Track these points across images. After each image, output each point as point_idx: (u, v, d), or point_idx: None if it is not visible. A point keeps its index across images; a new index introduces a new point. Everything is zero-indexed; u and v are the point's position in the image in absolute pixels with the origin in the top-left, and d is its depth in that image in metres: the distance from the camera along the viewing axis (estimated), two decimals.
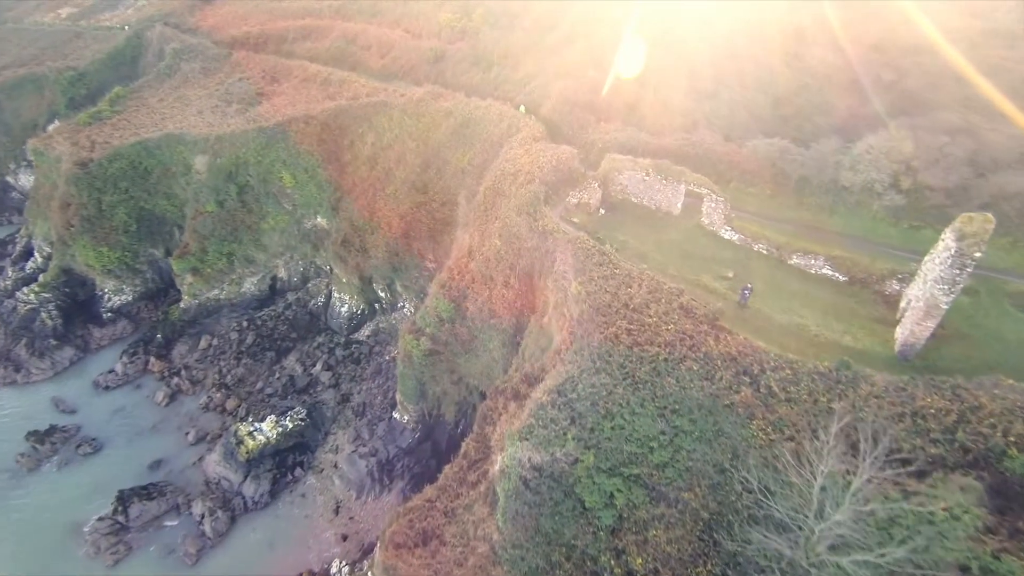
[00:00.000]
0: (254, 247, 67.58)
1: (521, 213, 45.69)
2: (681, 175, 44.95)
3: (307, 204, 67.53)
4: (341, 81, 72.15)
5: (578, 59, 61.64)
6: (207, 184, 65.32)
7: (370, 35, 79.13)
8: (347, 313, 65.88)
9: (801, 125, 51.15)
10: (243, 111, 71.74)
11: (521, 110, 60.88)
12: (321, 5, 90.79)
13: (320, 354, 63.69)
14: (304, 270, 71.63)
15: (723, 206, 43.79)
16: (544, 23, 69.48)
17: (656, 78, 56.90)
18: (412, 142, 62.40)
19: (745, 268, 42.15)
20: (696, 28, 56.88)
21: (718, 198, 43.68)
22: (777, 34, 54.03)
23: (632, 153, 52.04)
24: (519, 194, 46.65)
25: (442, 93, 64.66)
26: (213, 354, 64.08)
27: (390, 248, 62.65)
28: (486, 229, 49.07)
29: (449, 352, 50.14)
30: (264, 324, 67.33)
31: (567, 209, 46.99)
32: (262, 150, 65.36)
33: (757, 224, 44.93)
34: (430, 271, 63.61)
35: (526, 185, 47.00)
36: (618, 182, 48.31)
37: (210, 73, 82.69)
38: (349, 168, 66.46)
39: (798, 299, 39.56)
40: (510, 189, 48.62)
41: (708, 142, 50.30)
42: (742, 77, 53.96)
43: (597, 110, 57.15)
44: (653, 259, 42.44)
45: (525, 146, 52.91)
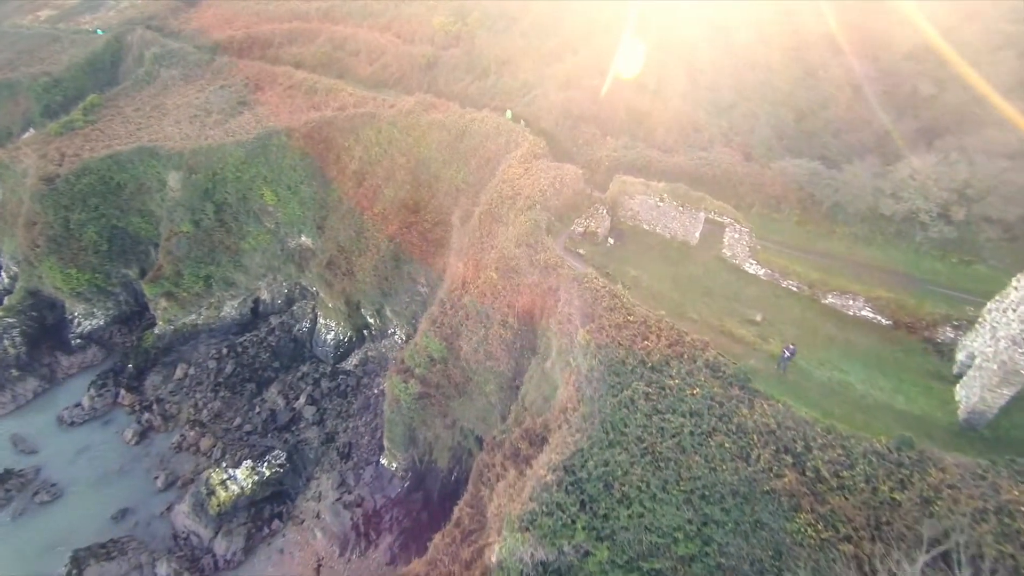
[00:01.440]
0: (234, 269, 61.77)
1: (520, 244, 40.01)
2: (701, 202, 39.28)
3: (290, 223, 61.73)
4: (327, 89, 66.18)
5: (581, 67, 55.79)
6: (181, 202, 59.43)
7: (359, 40, 73.11)
8: (333, 341, 60.19)
9: (828, 142, 45.46)
10: (223, 122, 65.77)
11: (508, 116, 55.32)
12: (309, 7, 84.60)
13: (304, 386, 58.03)
14: (288, 292, 65.89)
15: (748, 237, 38.17)
16: (545, 28, 63.54)
17: (667, 89, 51.12)
18: (402, 157, 56.58)
19: (774, 309, 36.59)
20: (711, 35, 51.05)
21: (742, 228, 38.06)
22: (801, 42, 48.18)
23: (642, 173, 46.37)
24: (518, 222, 40.95)
25: (434, 103, 58.79)
26: (189, 385, 58.35)
27: (379, 271, 56.93)
28: (481, 259, 43.37)
29: (441, 395, 44.49)
30: (245, 351, 61.58)
31: (572, 238, 41.32)
32: (241, 165, 59.49)
33: (785, 256, 39.31)
34: (422, 296, 58.07)
35: (526, 211, 41.30)
36: (628, 207, 42.63)
37: (191, 80, 76.66)
38: (335, 185, 60.57)
39: (836, 347, 34.02)
40: (508, 215, 42.92)
41: (727, 161, 44.63)
42: (762, 89, 48.20)
43: (603, 123, 51.39)
44: (670, 299, 36.84)
45: (524, 164, 47.17)
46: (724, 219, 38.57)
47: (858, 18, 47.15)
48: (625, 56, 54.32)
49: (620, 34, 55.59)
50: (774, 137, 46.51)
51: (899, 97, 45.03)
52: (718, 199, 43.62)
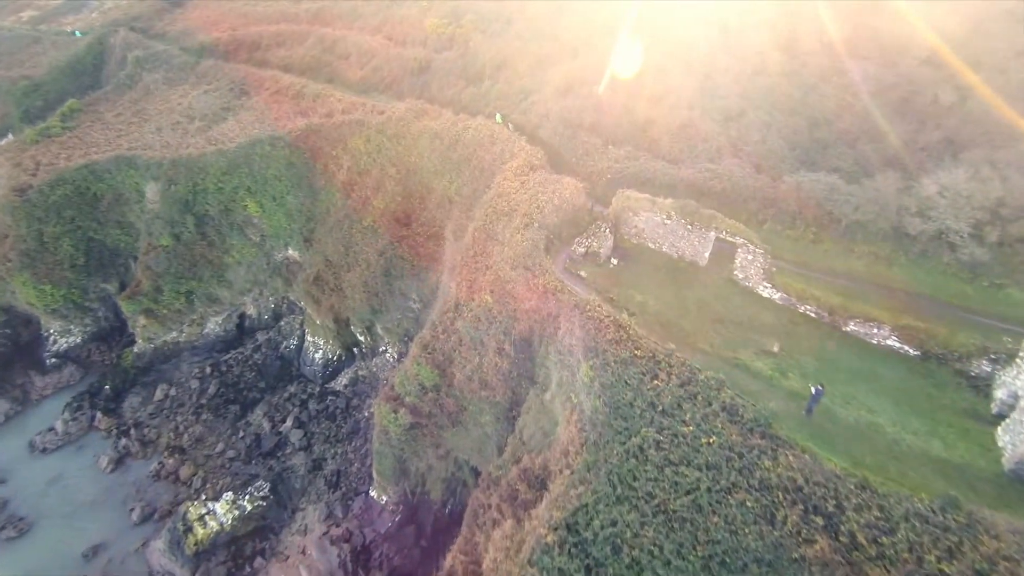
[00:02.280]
0: (217, 284, 58.29)
1: (517, 267, 36.73)
2: (711, 220, 36.07)
3: (276, 235, 58.31)
4: (315, 95, 62.68)
5: (581, 72, 52.44)
6: (160, 215, 55.91)
7: (349, 42, 69.55)
8: (321, 360, 56.85)
9: (843, 153, 42.28)
10: (206, 128, 62.21)
11: (498, 120, 52.13)
12: (298, 9, 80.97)
13: (291, 407, 54.68)
14: (276, 306, 62.50)
15: (762, 259, 34.99)
16: (542, 30, 60.18)
17: (672, 96, 47.82)
18: (392, 167, 53.18)
19: (791, 338, 33.45)
20: (719, 39, 47.77)
21: (756, 250, 34.86)
22: (813, 47, 44.96)
23: (646, 186, 43.14)
24: (514, 242, 37.66)
25: (426, 110, 55.38)
26: (170, 407, 54.93)
27: (369, 287, 53.58)
28: (475, 280, 40.09)
29: (433, 424, 41.23)
30: (229, 370, 58.19)
31: (572, 259, 38.07)
32: (223, 176, 55.99)
33: (802, 279, 36.14)
34: (415, 312, 54.76)
35: (523, 231, 38.02)
36: (633, 224, 39.39)
37: (174, 84, 72.98)
38: (322, 195, 57.18)
39: (861, 382, 30.90)
40: (503, 233, 39.63)
41: (737, 174, 41.40)
42: (773, 96, 45.01)
43: (604, 132, 48.07)
44: (678, 328, 33.66)
45: (521, 176, 43.89)
46: (737, 239, 35.38)
47: (873, 21, 43.91)
48: (627, 60, 51.01)
49: (621, 37, 52.28)
50: (786, 147, 43.31)
51: (919, 105, 41.89)
52: (727, 214, 40.50)
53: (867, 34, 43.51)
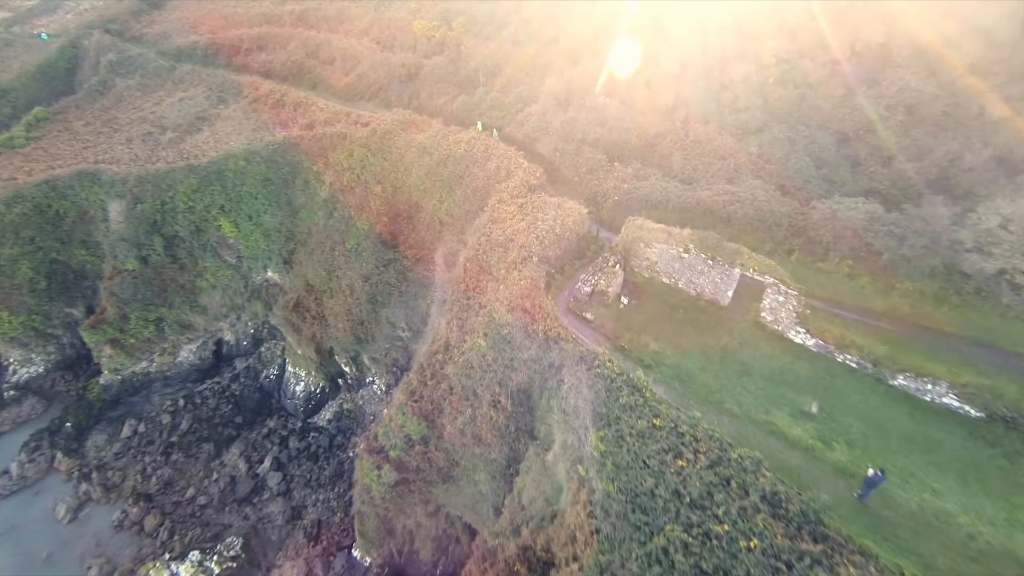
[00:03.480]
0: (190, 310, 52.99)
1: (514, 309, 31.61)
2: (736, 256, 30.99)
3: (254, 256, 53.01)
4: (296, 103, 57.25)
5: (583, 81, 47.19)
6: (125, 236, 50.49)
7: (334, 46, 64.05)
8: (303, 393, 51.73)
9: (877, 172, 37.26)
10: (178, 140, 56.75)
11: (479, 128, 47.20)
12: (282, 11, 75.30)
13: (270, 445, 49.61)
14: (255, 332, 57.26)
15: (795, 301, 29.96)
16: (540, 33, 54.86)
17: (685, 107, 42.67)
18: (377, 185, 47.90)
19: (831, 394, 28.48)
20: (738, 46, 42.56)
21: (789, 291, 29.81)
22: (843, 53, 39.81)
23: (658, 209, 38.06)
24: (511, 279, 32.51)
25: (415, 121, 50.08)
26: (138, 445, 49.77)
27: (353, 316, 48.45)
28: (467, 319, 35.00)
29: (422, 480, 36.23)
30: (204, 403, 53.03)
31: (577, 298, 32.96)
32: (193, 193, 50.59)
33: (838, 322, 31.12)
34: (404, 341, 49.67)
35: (520, 266, 32.87)
36: (645, 256, 34.28)
37: (149, 90, 67.42)
38: (303, 214, 51.90)
39: (918, 451, 25.96)
40: (498, 267, 34.48)
41: (760, 197, 36.31)
42: (798, 108, 39.88)
43: (609, 147, 42.87)
44: (701, 383, 28.65)
45: (518, 199, 38.71)
46: (766, 279, 30.32)
47: (910, 26, 38.73)
48: (633, 67, 45.82)
49: (625, 41, 47.01)
50: (812, 165, 38.24)
51: (963, 119, 36.81)
52: (749, 242, 35.53)
53: (903, 40, 38.37)
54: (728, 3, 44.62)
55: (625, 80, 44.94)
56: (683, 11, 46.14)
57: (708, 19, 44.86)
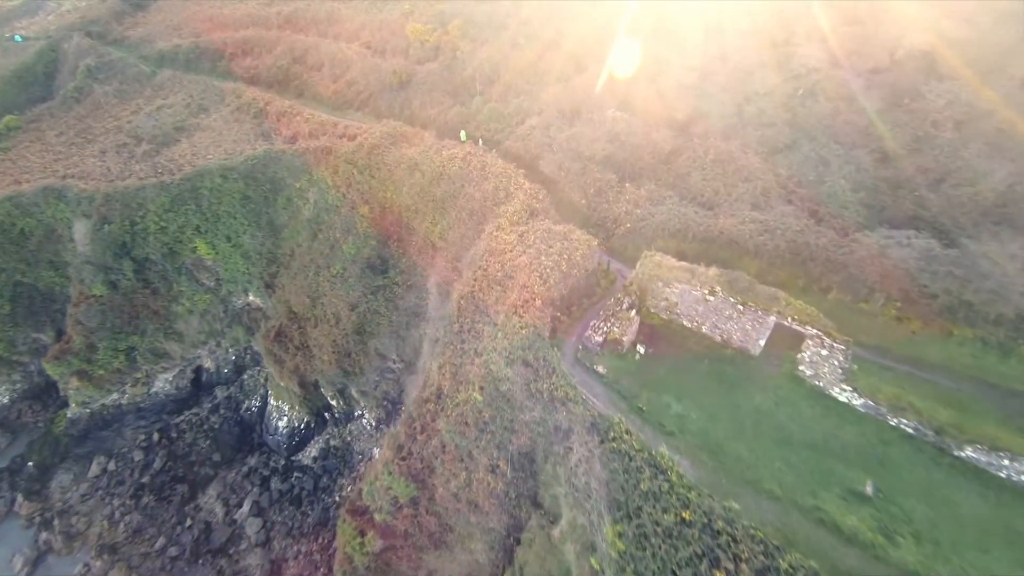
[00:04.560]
0: (164, 337, 48.33)
1: (514, 362, 27.02)
2: (773, 302, 26.36)
3: (233, 280, 48.37)
4: (280, 113, 52.52)
5: (590, 91, 42.44)
6: (91, 259, 45.81)
7: (322, 51, 59.23)
8: (286, 428, 47.17)
9: (924, 198, 32.63)
10: (154, 152, 52.03)
11: (463, 138, 43.09)
12: (269, 12, 70.33)
13: (249, 486, 45.06)
14: (237, 358, 52.64)
15: (841, 356, 25.36)
16: (541, 37, 50.03)
17: (703, 122, 37.96)
18: (365, 205, 43.22)
19: (887, 468, 23.93)
20: (761, 54, 37.78)
21: (835, 344, 25.20)
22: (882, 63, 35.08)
23: (676, 238, 33.43)
24: (510, 327, 27.88)
25: (405, 134, 45.38)
26: (107, 486, 45.26)
27: (339, 347, 43.87)
28: (461, 367, 30.40)
29: (411, 546, 31.67)
30: (180, 437, 48.47)
31: (586, 347, 28.34)
32: (165, 213, 45.90)
33: (890, 378, 26.52)
34: (395, 373, 45.16)
35: (521, 311, 28.22)
36: (663, 296, 29.63)
37: (127, 97, 62.77)
38: (285, 235, 47.22)
39: (1001, 544, 21.44)
40: (496, 309, 29.86)
41: (793, 227, 31.64)
42: (832, 122, 35.18)
43: (620, 166, 38.17)
44: (734, 455, 24.07)
45: (519, 226, 34.03)
46: (807, 329, 25.70)
47: (960, 32, 33.99)
48: (646, 76, 41.09)
49: (639, 48, 42.24)
50: (848, 189, 33.57)
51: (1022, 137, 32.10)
52: (780, 277, 30.96)
53: (952, 49, 33.61)
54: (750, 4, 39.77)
55: (636, 90, 40.18)
56: (699, 13, 41.29)
57: (728, 23, 40.03)
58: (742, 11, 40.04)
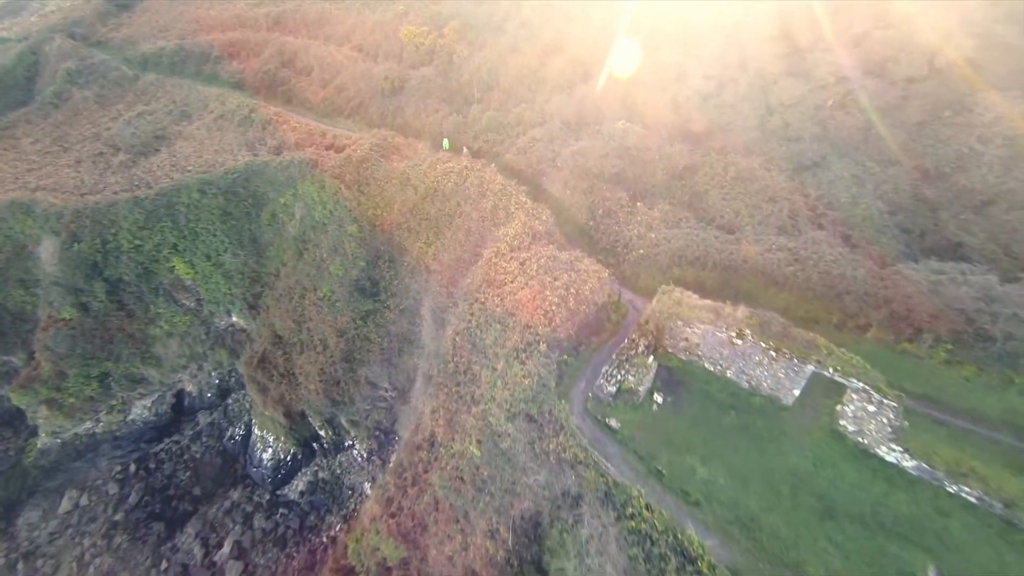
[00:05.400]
0: (141, 362, 44.74)
1: (516, 415, 23.49)
2: (812, 350, 22.80)
3: (215, 301, 44.79)
4: (265, 121, 48.83)
5: (598, 100, 38.77)
6: (60, 280, 42.20)
7: (311, 55, 55.48)
8: (271, 460, 43.61)
9: (969, 221, 29.07)
10: (130, 163, 48.41)
11: (445, 146, 40.61)
12: (257, 14, 66.47)
13: (231, 524, 41.57)
14: (221, 382, 49.13)
15: (892, 413, 21.83)
16: (544, 40, 46.27)
17: (722, 135, 34.35)
18: (353, 224, 39.58)
19: (946, 545, 20.46)
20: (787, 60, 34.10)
21: (886, 401, 21.67)
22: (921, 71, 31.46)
23: (694, 265, 29.86)
24: (512, 375, 24.34)
25: (397, 145, 41.80)
26: (78, 523, 41.82)
27: (327, 375, 40.30)
28: (456, 414, 26.87)
29: None
30: (159, 468, 45.05)
31: (598, 397, 24.81)
32: (140, 230, 42.30)
33: (945, 436, 23.00)
34: (388, 402, 41.67)
35: (523, 356, 24.68)
36: (683, 336, 26.07)
37: (107, 103, 59.25)
38: (270, 253, 43.62)
39: None
40: (495, 351, 26.31)
41: (827, 258, 28.07)
42: (865, 137, 31.59)
43: (631, 183, 34.57)
44: (770, 531, 20.58)
45: (520, 252, 30.47)
46: (852, 382, 22.17)
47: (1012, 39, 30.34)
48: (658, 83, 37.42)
49: (651, 54, 38.56)
50: (885, 211, 30.02)
51: None
52: (812, 311, 27.47)
53: (1002, 56, 29.99)
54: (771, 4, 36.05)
55: (647, 99, 36.54)
56: (715, 16, 37.55)
57: (747, 26, 36.32)
58: (762, 13, 36.31)
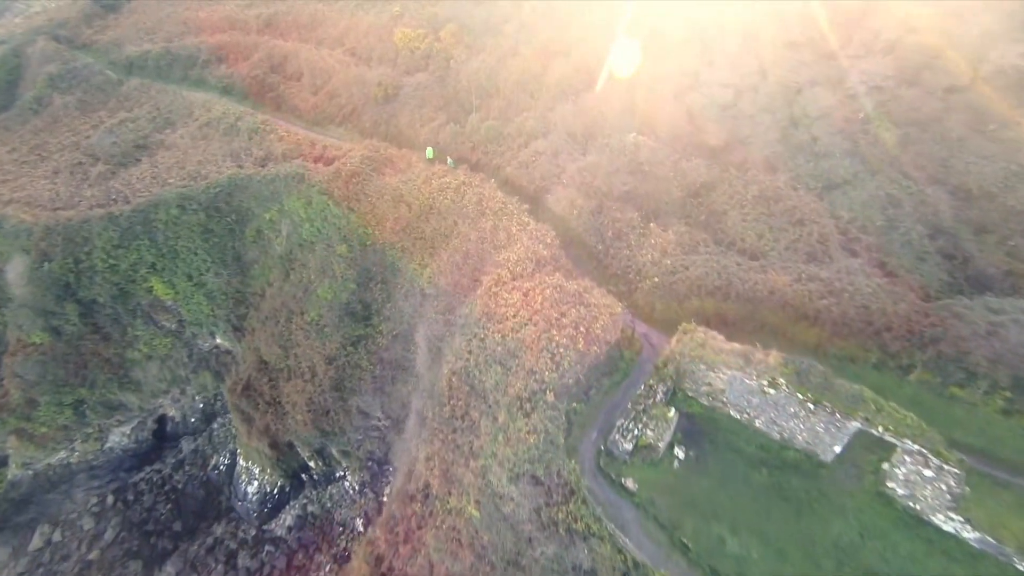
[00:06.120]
0: (119, 388, 41.77)
1: (519, 477, 20.52)
2: (858, 404, 19.80)
3: (197, 322, 41.82)
4: (252, 130, 45.83)
5: (606, 109, 35.73)
6: (29, 303, 39.15)
7: (302, 59, 52.32)
8: (257, 494, 40.64)
9: (1020, 248, 26.09)
10: (109, 175, 45.43)
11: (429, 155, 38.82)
12: (248, 16, 63.25)
13: (214, 563, 38.69)
14: (205, 406, 46.17)
15: (952, 480, 18.87)
16: (547, 44, 43.10)
17: (742, 149, 31.34)
18: (342, 244, 36.55)
19: None
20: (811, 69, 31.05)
21: (946, 466, 18.70)
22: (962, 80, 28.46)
23: (715, 296, 26.86)
24: (515, 431, 21.32)
25: (390, 157, 38.78)
26: (49, 562, 38.95)
27: (315, 405, 37.36)
28: (453, 463, 23.91)
29: None
30: (138, 500, 42.13)
31: (612, 452, 21.82)
32: (115, 249, 39.29)
33: (1013, 503, 20.00)
34: (381, 431, 38.76)
35: (527, 407, 21.69)
36: (706, 381, 23.09)
37: (89, 109, 56.21)
38: (255, 271, 40.64)
39: None
40: (496, 398, 23.33)
41: (864, 290, 25.05)
42: (901, 153, 28.59)
43: (643, 201, 31.54)
44: None
45: (523, 281, 27.47)
46: (905, 443, 19.21)
47: None
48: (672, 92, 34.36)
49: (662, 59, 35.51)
50: (925, 236, 27.04)
51: None
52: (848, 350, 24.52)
53: None
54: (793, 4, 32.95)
55: (660, 110, 33.50)
56: (733, 19, 34.45)
57: (768, 30, 33.25)
58: (783, 17, 33.25)
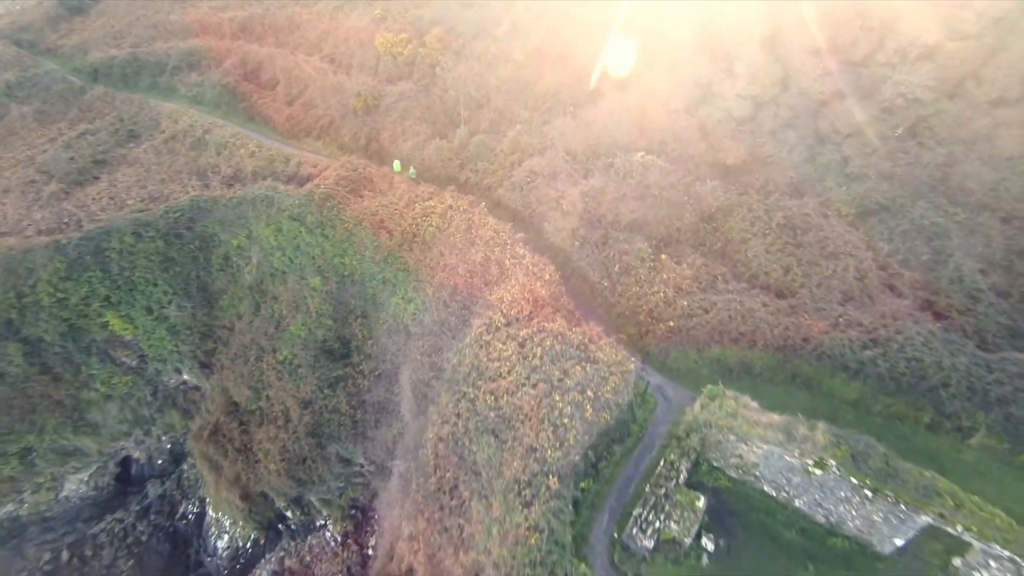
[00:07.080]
0: (73, 432, 37.48)
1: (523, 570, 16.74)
2: (930, 497, 16.17)
3: (161, 358, 37.63)
4: (222, 144, 41.69)
5: (609, 124, 31.85)
6: None
7: (277, 66, 48.16)
8: (228, 549, 36.64)
9: None
10: (63, 195, 41.10)
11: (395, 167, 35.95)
12: (221, 19, 58.77)
13: None
14: (173, 447, 41.95)
15: None
16: (542, 49, 39.18)
17: (763, 169, 27.65)
18: (316, 276, 32.52)
19: None
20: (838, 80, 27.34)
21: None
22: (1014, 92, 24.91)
23: (740, 343, 23.34)
24: (513, 525, 17.46)
25: (370, 178, 34.78)
26: None
27: (291, 454, 33.32)
28: (440, 547, 20.09)
29: None
30: (97, 555, 37.88)
31: (629, 549, 18.05)
32: (62, 282, 34.95)
33: None
34: (365, 478, 34.88)
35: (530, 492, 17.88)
36: (736, 452, 19.38)
37: (48, 120, 51.74)
38: (223, 302, 36.49)
39: None
40: (489, 478, 19.47)
41: (916, 339, 21.38)
42: (947, 176, 25.03)
43: (653, 228, 27.74)
44: None
45: (520, 329, 23.60)
46: (992, 548, 15.61)
47: None
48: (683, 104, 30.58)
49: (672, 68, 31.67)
50: (977, 270, 23.48)
51: None
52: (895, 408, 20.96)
53: None
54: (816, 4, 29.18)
55: (671, 125, 29.73)
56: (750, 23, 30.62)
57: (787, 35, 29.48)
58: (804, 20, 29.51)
